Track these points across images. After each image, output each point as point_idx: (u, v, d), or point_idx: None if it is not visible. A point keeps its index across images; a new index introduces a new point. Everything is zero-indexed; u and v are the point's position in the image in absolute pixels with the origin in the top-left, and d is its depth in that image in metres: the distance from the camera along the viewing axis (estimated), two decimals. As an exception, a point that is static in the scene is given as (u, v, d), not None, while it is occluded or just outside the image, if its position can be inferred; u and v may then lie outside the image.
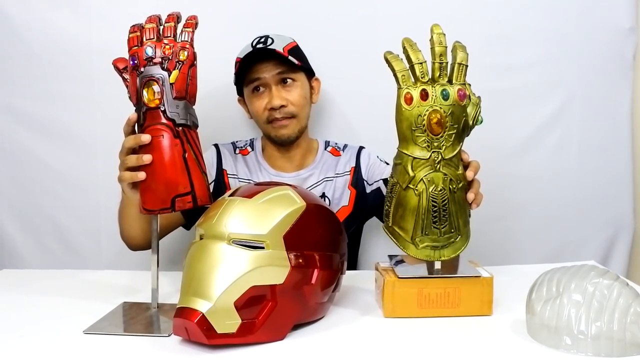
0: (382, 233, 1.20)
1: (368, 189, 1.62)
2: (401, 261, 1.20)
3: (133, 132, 1.14)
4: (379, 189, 1.59)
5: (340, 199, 1.61)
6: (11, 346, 1.00)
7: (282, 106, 1.52)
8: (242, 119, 1.75)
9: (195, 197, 1.09)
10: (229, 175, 1.60)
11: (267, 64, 1.51)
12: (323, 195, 1.59)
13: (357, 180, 1.62)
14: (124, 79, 1.16)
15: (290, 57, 1.51)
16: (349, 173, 1.63)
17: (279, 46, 1.52)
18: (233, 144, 1.67)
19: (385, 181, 1.55)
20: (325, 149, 1.67)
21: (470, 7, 1.80)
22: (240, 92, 1.63)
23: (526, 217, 1.92)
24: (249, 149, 1.65)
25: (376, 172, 1.61)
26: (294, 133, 1.56)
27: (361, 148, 1.68)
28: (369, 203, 1.62)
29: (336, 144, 1.69)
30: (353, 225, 1.62)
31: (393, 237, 1.13)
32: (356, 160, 1.64)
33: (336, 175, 1.62)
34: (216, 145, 1.64)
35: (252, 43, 1.55)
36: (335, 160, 1.65)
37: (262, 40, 1.54)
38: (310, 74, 1.61)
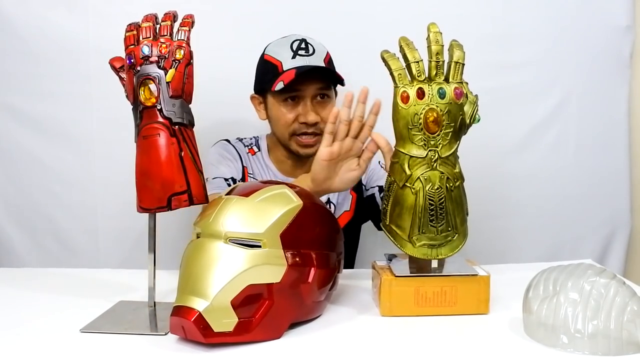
0: (379, 232, 1.20)
1: (364, 194, 1.60)
2: (398, 260, 1.20)
3: None
4: (373, 195, 1.55)
5: (342, 203, 1.59)
6: (7, 344, 0.99)
7: (315, 122, 1.48)
8: (240, 118, 1.74)
9: (192, 195, 1.09)
10: (249, 175, 1.56)
11: (309, 78, 1.45)
12: (328, 201, 1.57)
13: (357, 184, 1.59)
14: (121, 78, 1.16)
15: (336, 73, 1.46)
16: None
17: (320, 57, 1.47)
18: (240, 140, 1.62)
19: (380, 189, 1.52)
20: None
21: (467, 5, 1.81)
22: (258, 90, 1.55)
23: (523, 216, 1.92)
24: (255, 148, 1.61)
25: (374, 178, 1.58)
26: (317, 149, 1.55)
27: None
28: (364, 207, 1.60)
29: None
30: (353, 229, 1.61)
31: (390, 235, 1.13)
32: None
33: None
34: (227, 141, 1.59)
35: (291, 46, 1.47)
36: None
37: (303, 46, 1.47)
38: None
